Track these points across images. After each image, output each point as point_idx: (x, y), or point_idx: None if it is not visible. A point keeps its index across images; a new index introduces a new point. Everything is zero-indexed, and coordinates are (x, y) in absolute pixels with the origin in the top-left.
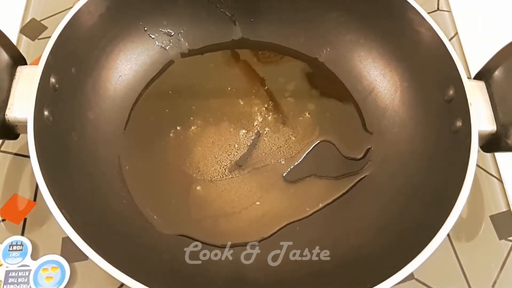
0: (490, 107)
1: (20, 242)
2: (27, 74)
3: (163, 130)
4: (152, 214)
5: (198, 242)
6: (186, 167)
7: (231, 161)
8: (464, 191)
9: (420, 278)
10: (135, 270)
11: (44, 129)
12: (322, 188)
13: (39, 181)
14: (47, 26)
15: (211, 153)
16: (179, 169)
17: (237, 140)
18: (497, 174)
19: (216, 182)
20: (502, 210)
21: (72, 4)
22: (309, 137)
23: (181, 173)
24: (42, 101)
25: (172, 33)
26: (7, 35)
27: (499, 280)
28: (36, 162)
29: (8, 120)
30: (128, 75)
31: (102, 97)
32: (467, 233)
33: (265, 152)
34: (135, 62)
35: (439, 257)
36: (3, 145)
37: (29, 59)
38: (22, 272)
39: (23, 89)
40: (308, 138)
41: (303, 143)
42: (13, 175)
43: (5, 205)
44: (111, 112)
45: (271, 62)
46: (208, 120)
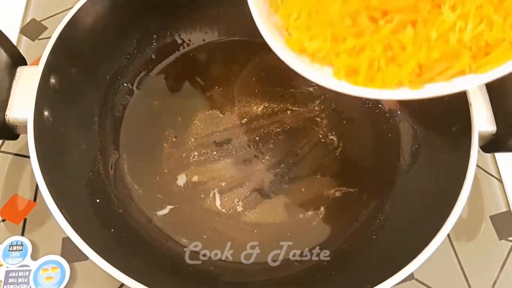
0: (490, 108)
1: (20, 242)
2: (27, 74)
3: (160, 134)
4: (154, 212)
5: (198, 242)
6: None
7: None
8: (464, 191)
9: (420, 278)
10: (135, 270)
11: (44, 129)
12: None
13: (39, 181)
14: (47, 26)
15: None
16: (178, 171)
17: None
18: (497, 174)
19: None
20: (502, 210)
21: (72, 4)
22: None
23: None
24: (42, 101)
25: (173, 34)
26: (7, 35)
27: (499, 280)
28: (36, 162)
29: (8, 120)
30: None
31: (102, 98)
32: (467, 233)
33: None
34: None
35: (439, 257)
36: (3, 145)
37: (29, 59)
38: (22, 272)
39: (23, 89)
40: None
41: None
42: (13, 175)
43: (5, 205)
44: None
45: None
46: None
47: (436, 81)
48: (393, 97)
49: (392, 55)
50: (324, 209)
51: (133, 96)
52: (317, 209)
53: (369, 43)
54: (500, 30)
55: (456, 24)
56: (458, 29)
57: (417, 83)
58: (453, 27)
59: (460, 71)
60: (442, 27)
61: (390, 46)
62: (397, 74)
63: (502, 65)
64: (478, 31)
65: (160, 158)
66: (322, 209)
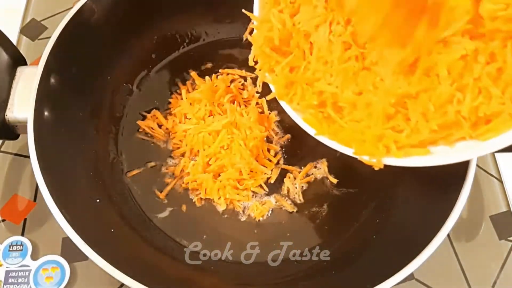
0: None
1: (20, 242)
2: (27, 74)
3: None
4: (153, 213)
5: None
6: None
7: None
8: (464, 191)
9: (420, 278)
10: (135, 270)
11: (44, 129)
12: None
13: (39, 181)
14: (47, 26)
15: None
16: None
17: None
18: (497, 174)
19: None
20: (502, 210)
21: (72, 4)
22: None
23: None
24: (42, 101)
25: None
26: (7, 35)
27: (499, 280)
28: (36, 162)
29: (8, 120)
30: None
31: (103, 97)
32: (467, 233)
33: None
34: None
35: (439, 257)
36: (3, 145)
37: (29, 59)
38: (22, 272)
39: (23, 89)
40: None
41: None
42: (13, 175)
43: (5, 205)
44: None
45: None
46: None
47: (439, 144)
48: (404, 164)
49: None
50: (324, 209)
51: (133, 96)
52: (317, 209)
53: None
54: (498, 102)
55: (454, 96)
56: (456, 101)
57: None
58: (450, 99)
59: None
60: (440, 99)
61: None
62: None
63: (502, 134)
64: (477, 103)
65: (160, 159)
66: (322, 209)
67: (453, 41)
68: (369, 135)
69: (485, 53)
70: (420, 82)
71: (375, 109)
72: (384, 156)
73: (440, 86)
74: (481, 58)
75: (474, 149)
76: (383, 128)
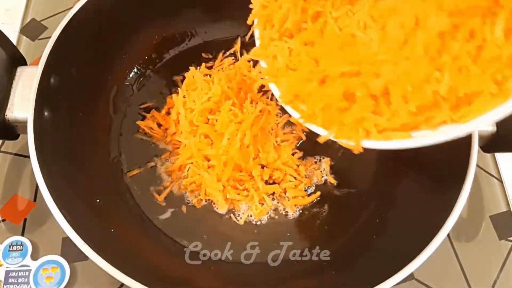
0: None
1: (20, 242)
2: (27, 74)
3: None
4: (153, 214)
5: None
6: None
7: None
8: (464, 191)
9: (420, 278)
10: (135, 270)
11: (44, 129)
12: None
13: (39, 181)
14: (47, 26)
15: None
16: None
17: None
18: (497, 174)
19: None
20: (502, 210)
21: (72, 4)
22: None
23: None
24: (42, 101)
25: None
26: (7, 35)
27: (499, 280)
28: (36, 162)
29: (8, 120)
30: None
31: (103, 97)
32: (467, 233)
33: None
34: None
35: (439, 257)
36: (3, 145)
37: (29, 59)
38: (22, 272)
39: (23, 89)
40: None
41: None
42: (13, 175)
43: (5, 205)
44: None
45: None
46: None
47: (421, 129)
48: (383, 147)
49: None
50: (325, 209)
51: (133, 96)
52: (318, 210)
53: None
54: (478, 82)
55: (431, 75)
56: (434, 80)
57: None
58: (428, 78)
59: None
60: (417, 78)
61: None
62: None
63: (484, 115)
64: (455, 82)
65: (160, 159)
66: (323, 210)
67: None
68: (349, 118)
69: (465, 31)
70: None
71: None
72: (363, 139)
73: (417, 65)
74: (459, 36)
75: (454, 129)
76: (364, 112)
